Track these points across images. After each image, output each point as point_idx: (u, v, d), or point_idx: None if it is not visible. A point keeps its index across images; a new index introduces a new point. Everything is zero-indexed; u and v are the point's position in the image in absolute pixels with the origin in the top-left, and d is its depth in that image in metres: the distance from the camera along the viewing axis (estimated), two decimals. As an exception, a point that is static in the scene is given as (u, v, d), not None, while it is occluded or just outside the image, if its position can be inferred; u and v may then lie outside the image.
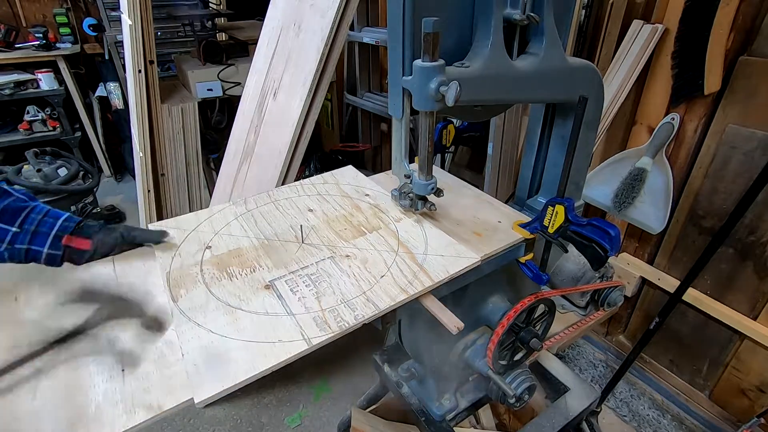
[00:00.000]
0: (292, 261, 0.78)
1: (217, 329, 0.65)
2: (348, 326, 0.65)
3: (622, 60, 1.46)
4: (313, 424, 2.07)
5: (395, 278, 0.73)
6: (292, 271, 0.76)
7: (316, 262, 0.78)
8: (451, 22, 0.71)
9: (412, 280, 0.73)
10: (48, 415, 0.53)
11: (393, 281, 0.73)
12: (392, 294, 0.70)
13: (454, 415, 1.05)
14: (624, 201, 1.50)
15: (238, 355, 0.61)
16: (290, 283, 0.73)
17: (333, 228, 0.87)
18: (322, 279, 0.74)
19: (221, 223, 0.90)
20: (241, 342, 0.63)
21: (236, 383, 0.59)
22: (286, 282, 0.74)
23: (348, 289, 0.72)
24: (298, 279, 0.74)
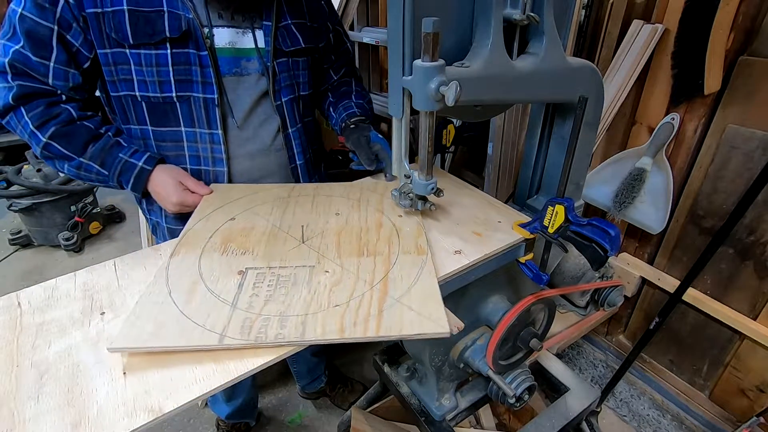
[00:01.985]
0: (280, 257, 0.79)
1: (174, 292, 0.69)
2: (263, 341, 0.61)
3: (622, 60, 1.46)
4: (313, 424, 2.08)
5: (345, 313, 0.66)
6: (271, 267, 0.76)
7: (296, 266, 0.76)
8: (451, 22, 0.71)
9: (357, 324, 0.64)
10: (50, 419, 0.53)
11: (340, 316, 0.65)
12: (328, 328, 0.63)
13: (454, 415, 1.05)
14: (624, 201, 1.50)
15: (170, 322, 0.64)
16: (260, 277, 0.74)
17: (340, 238, 0.84)
18: (286, 285, 0.72)
19: (258, 201, 0.97)
20: (179, 313, 0.65)
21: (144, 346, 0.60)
22: (257, 275, 0.74)
23: (296, 305, 0.67)
24: (268, 276, 0.74)
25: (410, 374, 1.09)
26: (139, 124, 1.02)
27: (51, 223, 2.85)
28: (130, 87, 0.97)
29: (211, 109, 1.00)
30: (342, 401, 1.85)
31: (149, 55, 0.93)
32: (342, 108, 1.22)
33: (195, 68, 0.97)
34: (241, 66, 1.02)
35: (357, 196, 0.99)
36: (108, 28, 0.90)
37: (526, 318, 0.84)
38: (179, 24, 0.93)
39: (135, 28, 0.90)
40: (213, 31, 0.97)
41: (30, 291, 0.73)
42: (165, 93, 0.97)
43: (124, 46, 0.92)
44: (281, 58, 1.07)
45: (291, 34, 1.07)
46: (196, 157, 1.05)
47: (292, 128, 1.13)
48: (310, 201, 0.97)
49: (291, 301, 0.68)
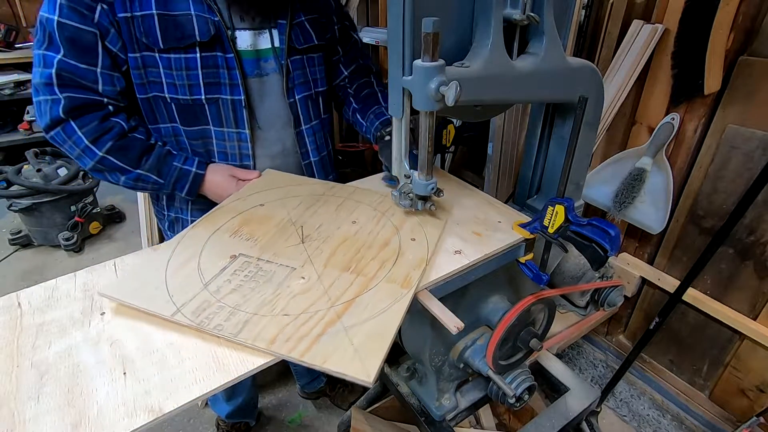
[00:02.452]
0: (273, 251, 0.79)
1: (172, 261, 0.76)
2: (204, 327, 0.62)
3: (622, 60, 1.46)
4: (313, 424, 2.08)
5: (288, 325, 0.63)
6: (260, 258, 0.77)
7: (280, 264, 0.76)
8: (451, 22, 0.71)
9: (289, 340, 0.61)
10: (50, 419, 0.53)
11: (282, 327, 0.63)
12: (262, 335, 0.61)
13: (454, 415, 1.05)
14: (624, 201, 1.50)
15: (151, 286, 0.70)
16: (245, 265, 0.76)
17: (338, 247, 0.81)
18: (260, 280, 0.72)
19: (293, 194, 0.99)
20: (163, 280, 0.71)
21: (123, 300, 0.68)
22: (243, 263, 0.77)
23: (252, 303, 0.67)
24: (252, 267, 0.75)
25: (410, 374, 1.09)
26: (170, 122, 1.03)
27: (51, 223, 2.85)
28: (159, 89, 0.97)
29: (238, 110, 1.03)
30: (342, 401, 1.85)
31: (179, 59, 0.94)
32: (373, 115, 1.18)
33: (223, 71, 0.98)
34: (260, 67, 1.04)
35: (385, 208, 0.93)
36: (138, 32, 0.91)
37: (526, 318, 0.84)
38: (208, 28, 0.94)
39: (165, 32, 0.91)
40: (235, 34, 0.99)
41: (30, 291, 0.73)
42: (194, 96, 0.98)
43: (154, 50, 0.93)
44: (295, 56, 1.08)
45: (305, 30, 1.08)
46: (224, 153, 1.08)
47: (306, 126, 1.14)
48: (338, 203, 0.96)
49: (251, 297, 0.68)
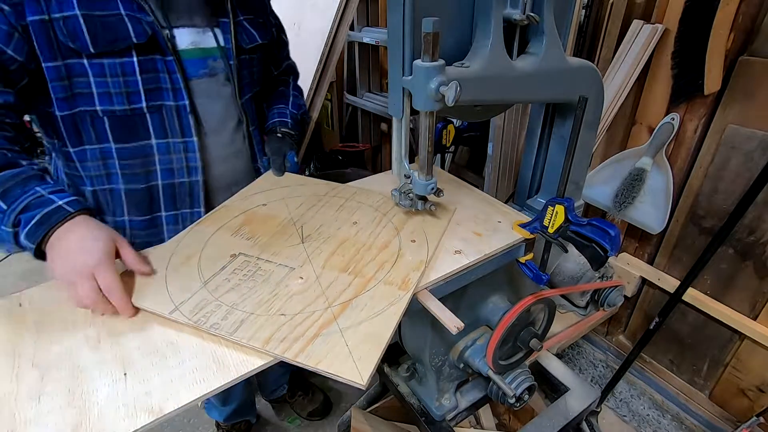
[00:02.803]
0: (273, 250, 0.80)
1: (174, 258, 0.77)
2: (201, 325, 0.63)
3: (622, 60, 1.46)
4: (313, 424, 2.08)
5: (284, 325, 0.63)
6: (260, 258, 0.78)
7: (279, 264, 0.76)
8: (451, 22, 0.71)
9: (285, 341, 0.61)
10: (51, 419, 0.53)
11: (278, 326, 0.63)
12: (257, 334, 0.62)
13: (454, 415, 1.05)
14: (624, 201, 1.50)
15: (152, 284, 0.72)
16: (244, 264, 0.76)
17: (338, 248, 0.80)
18: (258, 279, 0.73)
19: (296, 194, 0.98)
20: (163, 277, 0.73)
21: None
22: (243, 262, 0.77)
23: (250, 302, 0.67)
24: (251, 266, 0.76)
25: (410, 374, 1.09)
26: (99, 143, 0.90)
27: (51, 223, 2.85)
28: (88, 101, 0.85)
29: (183, 116, 0.94)
30: (301, 409, 1.83)
31: (113, 64, 0.84)
32: (276, 111, 1.19)
33: (163, 75, 0.90)
34: (209, 66, 0.98)
35: (387, 209, 0.92)
36: (61, 35, 0.79)
37: (526, 318, 0.84)
38: (143, 28, 0.85)
39: (94, 35, 0.80)
40: (173, 33, 0.91)
41: (30, 291, 0.73)
42: (134, 104, 0.88)
43: (81, 56, 0.81)
44: (242, 56, 1.03)
45: (247, 31, 1.03)
46: (168, 170, 0.97)
47: (253, 127, 1.11)
48: (340, 204, 0.95)
49: (249, 296, 0.69)
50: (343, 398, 1.93)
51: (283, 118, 1.18)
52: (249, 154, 1.12)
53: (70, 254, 0.68)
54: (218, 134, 1.04)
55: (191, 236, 0.84)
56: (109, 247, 0.70)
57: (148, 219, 1.00)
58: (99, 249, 0.68)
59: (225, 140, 1.06)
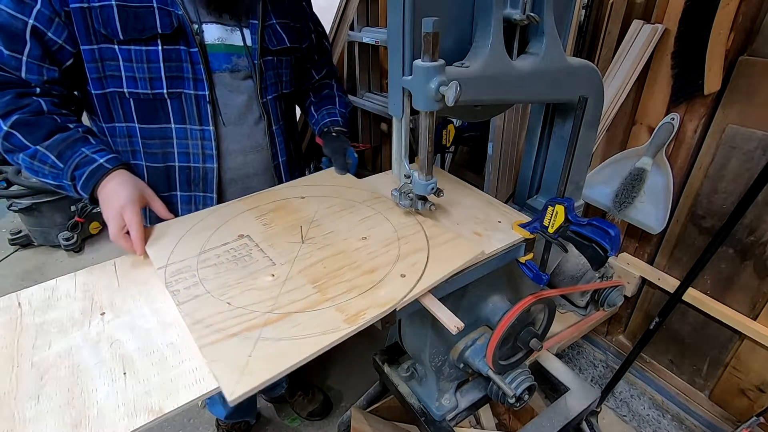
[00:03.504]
0: (273, 242, 0.82)
1: (196, 226, 0.87)
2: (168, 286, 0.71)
3: (622, 60, 1.46)
4: (313, 424, 2.08)
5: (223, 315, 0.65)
6: (258, 244, 0.82)
7: (267, 255, 0.79)
8: (451, 22, 0.71)
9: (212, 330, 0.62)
10: (50, 419, 0.53)
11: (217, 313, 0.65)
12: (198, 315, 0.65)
13: (454, 415, 1.05)
14: (624, 201, 1.50)
15: (167, 240, 0.83)
16: (242, 247, 0.81)
17: (327, 258, 0.78)
18: (241, 263, 0.77)
19: (336, 194, 0.99)
20: (176, 239, 0.83)
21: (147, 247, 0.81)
22: (243, 245, 0.82)
23: (217, 281, 0.72)
24: (246, 250, 0.80)
25: (410, 374, 1.09)
26: (126, 122, 0.99)
27: (51, 223, 2.85)
28: (117, 83, 0.94)
29: (202, 105, 1.00)
30: (300, 409, 1.83)
31: (139, 51, 0.92)
32: (326, 112, 1.25)
33: (186, 65, 0.96)
34: (232, 62, 1.03)
35: (404, 234, 0.84)
36: (96, 23, 0.88)
37: (526, 318, 0.84)
38: (170, 20, 0.92)
39: (125, 23, 0.89)
40: (202, 27, 0.97)
41: (30, 291, 0.73)
42: (156, 89, 0.96)
43: (113, 42, 0.90)
44: (267, 57, 1.08)
45: (276, 33, 1.08)
46: (185, 154, 1.04)
47: (275, 126, 1.15)
48: (367, 215, 0.91)
49: (219, 276, 0.73)
50: (343, 398, 1.93)
51: (333, 117, 1.23)
52: (269, 151, 1.16)
53: (108, 198, 0.86)
54: (237, 127, 1.08)
55: (226, 208, 0.93)
56: (135, 194, 0.86)
57: (165, 196, 1.05)
58: (127, 194, 0.85)
59: (243, 134, 1.09)
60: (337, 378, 2.01)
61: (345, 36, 2.32)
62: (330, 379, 2.01)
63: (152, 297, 0.71)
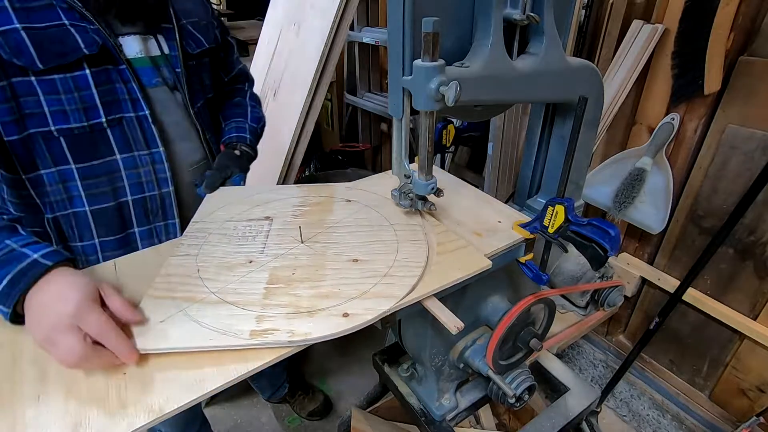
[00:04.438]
0: (285, 232, 0.84)
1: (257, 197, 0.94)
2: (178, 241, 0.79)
3: (622, 60, 1.46)
4: (313, 424, 2.08)
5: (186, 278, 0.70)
6: (272, 228, 0.85)
7: (268, 241, 0.81)
8: (451, 22, 0.71)
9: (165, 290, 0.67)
10: (50, 419, 0.53)
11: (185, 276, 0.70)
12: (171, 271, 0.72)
13: (454, 415, 1.05)
14: (624, 201, 1.50)
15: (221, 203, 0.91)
16: (258, 226, 0.85)
17: (307, 269, 0.73)
18: (243, 240, 0.80)
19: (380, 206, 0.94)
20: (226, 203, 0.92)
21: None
22: (262, 225, 0.85)
23: (209, 248, 0.77)
24: (259, 230, 0.84)
25: (410, 374, 1.09)
26: (56, 166, 0.84)
27: (51, 223, 2.84)
28: (40, 122, 0.79)
29: (146, 126, 0.90)
30: (300, 409, 1.83)
31: (65, 79, 0.78)
32: (234, 125, 1.14)
33: (119, 85, 0.85)
34: (161, 75, 0.93)
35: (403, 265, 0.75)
36: (3, 53, 0.73)
37: (526, 318, 0.84)
38: (92, 38, 0.79)
39: (40, 49, 0.75)
40: (119, 41, 0.86)
41: (30, 291, 0.72)
42: (92, 120, 0.83)
43: (28, 74, 0.75)
44: (190, 62, 0.98)
45: (192, 35, 0.99)
46: (137, 184, 0.93)
47: (209, 134, 1.07)
48: (384, 238, 0.82)
49: (217, 245, 0.79)
50: (343, 398, 1.93)
51: (241, 133, 1.12)
52: (210, 163, 1.07)
53: (44, 309, 0.56)
54: (182, 143, 1.00)
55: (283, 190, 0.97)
56: (89, 291, 0.58)
57: (120, 237, 0.96)
58: (76, 296, 0.56)
59: (189, 149, 1.03)
60: (337, 378, 2.01)
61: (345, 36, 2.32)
62: (330, 379, 2.01)
63: (152, 297, 0.71)
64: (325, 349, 2.10)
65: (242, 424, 1.84)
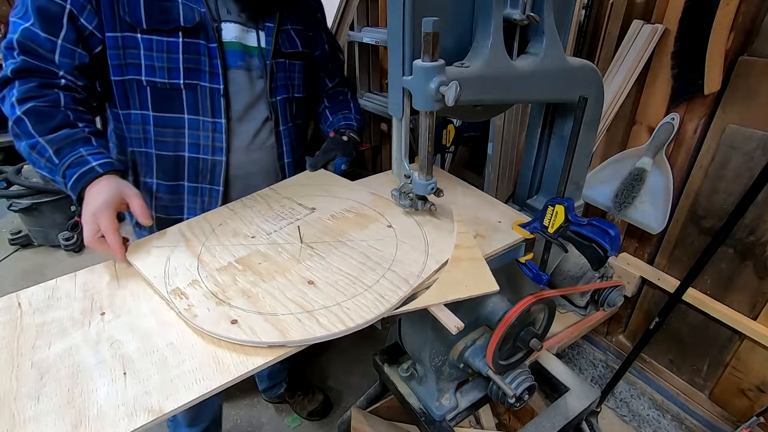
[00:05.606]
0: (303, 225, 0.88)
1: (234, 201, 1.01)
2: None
3: (622, 60, 1.46)
4: (313, 424, 2.08)
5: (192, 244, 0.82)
6: (301, 219, 0.90)
7: (279, 226, 0.87)
8: (451, 22, 0.71)
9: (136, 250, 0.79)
10: (50, 419, 0.53)
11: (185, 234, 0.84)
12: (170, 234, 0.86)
13: (454, 415, 1.05)
14: (624, 201, 1.50)
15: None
16: (292, 212, 0.93)
17: (286, 275, 0.73)
18: (269, 218, 0.90)
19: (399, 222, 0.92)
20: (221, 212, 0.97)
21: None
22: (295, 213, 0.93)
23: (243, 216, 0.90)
24: (292, 216, 0.91)
25: (410, 374, 1.09)
26: (141, 109, 1.02)
27: (51, 223, 2.85)
28: (136, 71, 0.98)
29: (216, 98, 1.04)
30: (300, 409, 1.83)
31: (161, 41, 0.96)
32: (342, 116, 1.28)
33: (204, 58, 1.00)
34: (246, 61, 1.07)
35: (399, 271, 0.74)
36: (122, 11, 0.93)
37: (526, 318, 0.84)
38: (193, 15, 0.97)
39: (149, 13, 0.94)
40: (221, 26, 1.02)
41: (30, 291, 0.73)
42: (173, 79, 0.99)
43: (136, 31, 0.94)
44: (279, 59, 1.12)
45: (290, 38, 1.14)
46: (195, 145, 1.07)
47: (283, 126, 1.18)
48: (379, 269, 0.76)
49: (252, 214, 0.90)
50: (343, 398, 1.93)
51: (349, 121, 1.26)
52: (275, 151, 1.19)
53: (87, 201, 0.83)
54: (245, 123, 1.11)
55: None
56: (111, 197, 0.81)
57: (172, 185, 1.10)
58: (102, 198, 0.80)
59: (251, 131, 1.13)
60: (337, 378, 2.01)
61: (345, 36, 2.32)
62: (330, 379, 2.01)
63: (152, 297, 0.71)
64: (325, 350, 2.10)
65: (242, 424, 1.84)
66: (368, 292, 0.68)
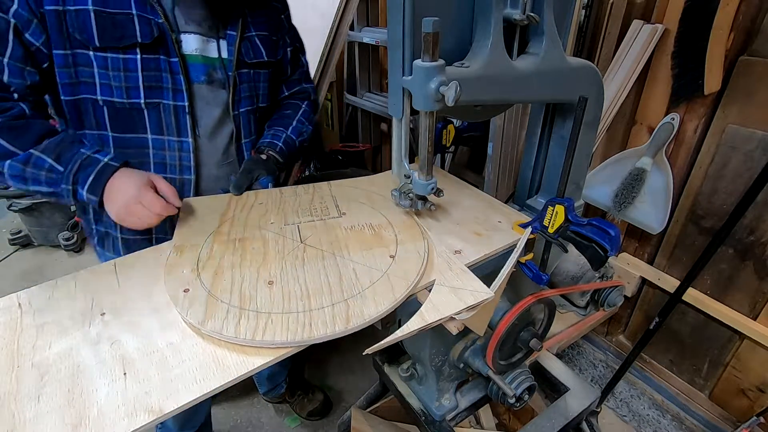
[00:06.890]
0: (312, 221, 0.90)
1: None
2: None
3: (622, 60, 1.46)
4: (313, 425, 2.08)
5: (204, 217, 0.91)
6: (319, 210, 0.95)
7: (282, 221, 0.90)
8: (451, 22, 0.71)
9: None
10: (51, 419, 0.53)
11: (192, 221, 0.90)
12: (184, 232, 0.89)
13: (454, 415, 1.05)
14: (624, 201, 1.50)
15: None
16: (319, 201, 1.00)
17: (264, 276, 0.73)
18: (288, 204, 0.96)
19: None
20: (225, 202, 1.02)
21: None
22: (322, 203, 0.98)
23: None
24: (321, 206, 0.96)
25: (410, 374, 1.09)
26: (98, 129, 0.96)
27: (51, 223, 2.85)
28: (90, 90, 0.91)
29: (181, 116, 0.98)
30: (300, 409, 1.83)
31: (116, 59, 0.89)
32: (271, 134, 1.17)
33: (165, 75, 0.94)
34: (209, 74, 1.01)
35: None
36: (71, 27, 0.85)
37: (526, 318, 0.84)
38: (150, 29, 0.89)
39: (102, 30, 0.86)
40: (181, 37, 0.95)
41: (30, 291, 0.73)
42: (133, 99, 0.93)
43: (88, 48, 0.87)
44: (243, 69, 1.05)
45: (254, 46, 1.06)
46: (162, 164, 1.01)
47: (246, 139, 1.12)
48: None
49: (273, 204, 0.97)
50: (343, 398, 1.93)
51: (275, 140, 1.16)
52: (237, 166, 1.11)
53: (118, 192, 0.85)
54: (212, 139, 1.06)
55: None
56: (144, 180, 0.86)
57: None
58: (137, 182, 0.85)
59: (219, 147, 1.08)
60: (337, 378, 2.01)
61: (345, 36, 2.32)
62: (330, 379, 2.01)
63: (152, 297, 0.71)
64: (325, 349, 2.10)
65: (242, 424, 1.84)
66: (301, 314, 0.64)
